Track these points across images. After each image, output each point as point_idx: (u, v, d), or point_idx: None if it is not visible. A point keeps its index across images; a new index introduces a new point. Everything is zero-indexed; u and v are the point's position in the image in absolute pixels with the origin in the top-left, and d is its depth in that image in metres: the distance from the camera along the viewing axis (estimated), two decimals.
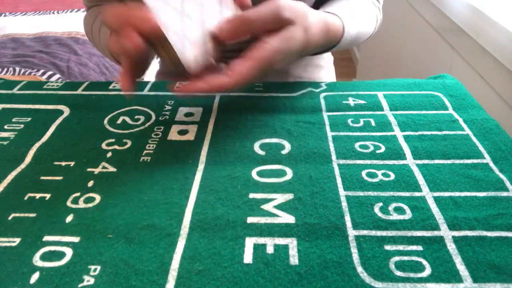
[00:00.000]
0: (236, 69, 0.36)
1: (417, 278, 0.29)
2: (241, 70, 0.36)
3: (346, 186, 0.37)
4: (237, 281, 0.29)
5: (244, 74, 0.36)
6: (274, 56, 0.38)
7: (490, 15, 0.72)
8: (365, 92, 0.52)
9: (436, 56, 1.05)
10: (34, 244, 0.32)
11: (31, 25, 1.53)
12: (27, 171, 0.39)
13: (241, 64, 0.37)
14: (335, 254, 0.30)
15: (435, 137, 0.43)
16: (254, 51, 0.37)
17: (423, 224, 0.33)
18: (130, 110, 0.49)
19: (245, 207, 0.35)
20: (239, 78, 0.36)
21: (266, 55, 0.37)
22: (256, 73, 0.37)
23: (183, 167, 0.40)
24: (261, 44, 0.37)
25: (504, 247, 0.31)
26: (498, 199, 0.35)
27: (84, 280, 0.29)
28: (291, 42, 0.39)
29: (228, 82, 0.36)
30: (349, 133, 0.44)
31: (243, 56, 0.37)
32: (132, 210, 0.35)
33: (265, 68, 0.38)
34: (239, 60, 0.37)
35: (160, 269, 0.30)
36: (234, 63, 0.37)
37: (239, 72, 0.36)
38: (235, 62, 0.37)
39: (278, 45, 0.38)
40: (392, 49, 1.45)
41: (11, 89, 0.54)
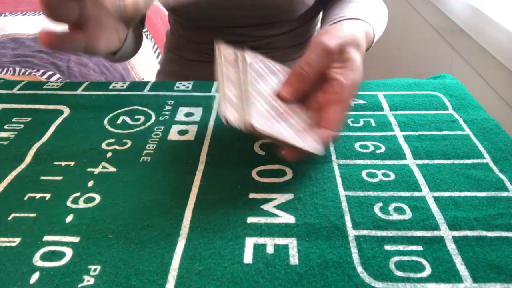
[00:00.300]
0: (332, 118, 0.37)
1: (417, 278, 0.29)
2: (336, 118, 0.37)
3: (346, 186, 0.37)
4: (237, 281, 0.29)
5: (340, 118, 0.38)
6: (353, 87, 0.38)
7: (490, 15, 0.72)
8: (365, 92, 0.52)
9: (436, 56, 1.05)
10: (34, 244, 0.32)
11: (31, 25, 1.53)
12: (27, 171, 0.39)
13: (330, 112, 0.37)
14: (335, 254, 0.30)
15: (435, 137, 0.43)
16: (334, 94, 0.38)
17: (423, 224, 0.33)
18: (130, 110, 0.49)
19: (245, 207, 0.35)
20: (338, 124, 0.37)
21: (346, 92, 0.38)
22: (347, 111, 0.38)
23: (183, 167, 0.39)
24: (336, 82, 0.38)
25: (504, 247, 0.31)
26: (498, 199, 0.35)
27: (84, 280, 0.29)
28: (355, 65, 0.39)
29: (333, 133, 0.37)
30: (349, 133, 0.44)
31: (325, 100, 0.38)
32: (132, 210, 0.35)
33: (351, 102, 0.39)
34: (326, 107, 0.37)
35: (160, 269, 0.30)
36: (324, 112, 0.37)
37: (335, 120, 0.37)
38: (324, 110, 0.37)
39: (350, 75, 0.38)
40: (392, 49, 1.45)
41: (11, 89, 0.54)
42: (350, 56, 0.39)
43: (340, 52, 0.39)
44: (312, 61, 0.38)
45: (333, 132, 0.37)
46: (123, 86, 0.54)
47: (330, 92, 0.38)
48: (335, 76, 0.38)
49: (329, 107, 0.37)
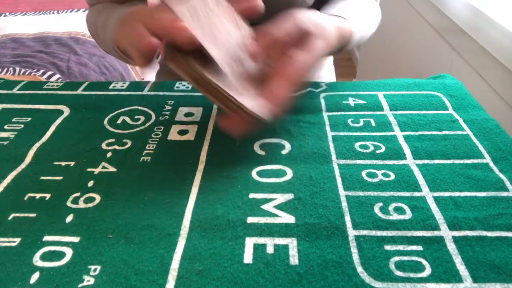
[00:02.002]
0: (275, 91, 0.37)
1: (417, 278, 0.29)
2: (280, 91, 0.37)
3: (346, 186, 0.37)
4: (237, 281, 0.29)
5: (283, 94, 0.37)
6: (304, 69, 0.38)
7: (490, 15, 0.72)
8: (365, 92, 0.52)
9: (436, 56, 1.05)
10: (34, 244, 0.32)
11: (31, 25, 1.53)
12: (27, 171, 0.39)
13: (277, 85, 0.37)
14: (335, 254, 0.30)
15: (435, 137, 0.43)
16: (286, 69, 0.38)
17: (423, 224, 0.33)
18: (130, 110, 0.49)
19: (245, 207, 0.35)
20: (280, 99, 0.37)
21: (298, 71, 0.38)
22: (292, 89, 0.38)
23: (183, 167, 0.39)
24: (289, 60, 0.38)
25: (504, 247, 0.31)
26: (498, 199, 0.35)
27: (84, 280, 0.29)
28: (316, 53, 0.40)
29: (273, 106, 0.37)
30: (349, 133, 0.44)
31: (274, 74, 0.38)
32: (132, 210, 0.35)
33: (298, 82, 0.39)
34: (274, 81, 0.38)
35: (160, 269, 0.30)
36: (271, 86, 0.37)
37: (278, 94, 0.37)
38: (271, 82, 0.37)
39: (306, 58, 0.38)
40: (392, 49, 1.45)
41: (11, 89, 0.54)
42: (312, 42, 0.39)
43: (307, 35, 0.40)
44: (291, 33, 0.39)
45: (273, 105, 0.37)
46: (123, 86, 0.54)
47: (281, 67, 0.38)
48: (290, 53, 0.38)
49: (275, 80, 0.38)
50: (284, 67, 0.38)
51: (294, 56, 0.38)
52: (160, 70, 0.79)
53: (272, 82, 0.38)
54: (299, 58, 0.38)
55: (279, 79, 0.38)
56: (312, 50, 0.39)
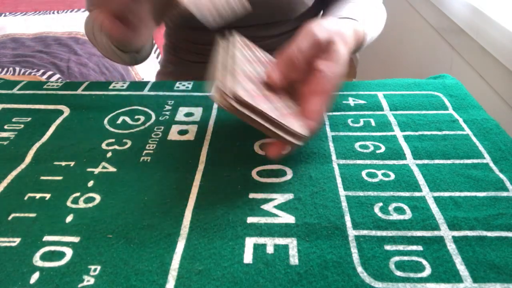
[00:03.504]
0: (313, 108, 0.37)
1: (417, 278, 0.29)
2: (317, 109, 0.37)
3: (346, 186, 0.37)
4: (237, 281, 0.29)
5: (321, 110, 0.37)
6: (335, 80, 0.38)
7: (490, 15, 0.72)
8: (365, 92, 0.52)
9: (436, 56, 1.05)
10: (34, 244, 0.32)
11: (31, 25, 1.53)
12: (27, 171, 0.39)
13: (314, 103, 0.37)
14: (335, 254, 0.30)
15: (435, 137, 0.43)
16: (317, 85, 0.38)
17: (423, 224, 0.33)
18: (130, 110, 0.49)
19: (245, 207, 0.35)
20: (319, 116, 0.37)
21: (330, 84, 0.38)
22: (327, 103, 0.38)
23: (183, 167, 0.39)
24: (319, 74, 0.38)
25: (504, 247, 0.31)
26: (498, 199, 0.35)
27: (84, 280, 0.29)
28: (341, 59, 0.39)
29: (314, 124, 0.37)
30: (349, 133, 0.44)
31: (308, 91, 0.38)
32: (132, 210, 0.35)
33: (333, 94, 0.39)
34: (309, 98, 0.37)
35: (160, 269, 0.30)
36: (307, 103, 0.37)
37: (316, 111, 0.37)
38: (307, 101, 0.37)
39: (335, 68, 0.38)
40: (392, 49, 1.45)
41: (11, 89, 0.54)
42: (336, 49, 0.39)
43: (327, 44, 0.39)
44: (303, 48, 0.38)
45: (314, 123, 0.37)
46: (123, 86, 0.54)
47: (313, 83, 0.38)
48: (320, 67, 0.38)
49: (311, 98, 0.37)
50: (316, 82, 0.38)
51: (323, 69, 0.38)
52: (160, 70, 0.79)
53: (308, 100, 0.37)
54: (329, 70, 0.38)
55: (315, 95, 0.37)
56: (338, 58, 0.39)
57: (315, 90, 0.38)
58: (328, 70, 0.38)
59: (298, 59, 0.38)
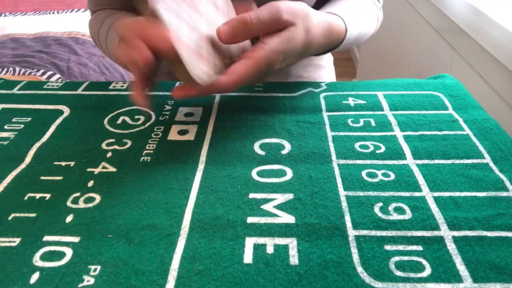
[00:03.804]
0: (234, 69, 0.37)
1: (417, 278, 0.29)
2: (239, 70, 0.37)
3: (346, 186, 0.37)
4: (237, 281, 0.29)
5: (243, 74, 0.37)
6: (273, 56, 0.38)
7: (490, 15, 0.72)
8: (365, 92, 0.52)
9: (436, 56, 1.05)
10: (34, 244, 0.32)
11: (31, 25, 1.53)
12: (27, 171, 0.39)
13: (239, 64, 0.37)
14: (335, 254, 0.30)
15: (435, 137, 0.43)
16: (253, 52, 0.38)
17: (423, 224, 0.33)
18: (130, 110, 0.49)
19: (245, 207, 0.35)
20: (237, 78, 0.37)
21: (265, 55, 0.37)
22: (254, 73, 0.37)
23: (183, 167, 0.40)
24: (259, 44, 0.38)
25: (504, 247, 0.31)
26: (498, 199, 0.35)
27: (84, 280, 0.29)
28: (291, 43, 0.39)
29: (227, 82, 0.37)
30: (349, 133, 0.44)
31: (243, 56, 0.38)
32: (132, 210, 0.35)
33: (264, 68, 0.38)
34: (239, 61, 0.37)
35: (160, 269, 0.30)
36: (236, 64, 0.37)
37: (237, 72, 0.37)
38: (237, 62, 0.37)
39: (277, 45, 0.38)
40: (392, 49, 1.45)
41: (11, 89, 0.54)
42: (291, 33, 0.39)
43: (287, 25, 0.39)
44: (263, 19, 0.38)
45: (230, 84, 0.36)
46: (123, 86, 0.54)
47: (251, 50, 0.38)
48: (265, 40, 0.38)
49: (241, 61, 0.37)
50: (253, 50, 0.38)
51: (269, 42, 0.38)
52: (160, 70, 0.79)
53: (238, 62, 0.37)
54: (271, 44, 0.38)
55: (244, 60, 0.37)
56: (287, 39, 0.39)
57: (247, 55, 0.37)
58: (270, 44, 0.38)
59: (254, 27, 0.37)
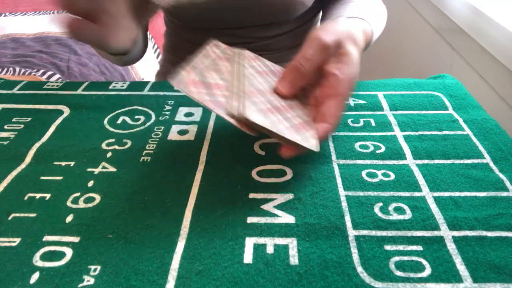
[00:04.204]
0: (329, 112, 0.37)
1: (417, 278, 0.29)
2: (333, 112, 0.37)
3: (346, 186, 0.37)
4: (237, 281, 0.29)
5: (337, 113, 0.37)
6: (350, 82, 0.38)
7: (490, 15, 0.72)
8: (365, 92, 0.52)
9: (436, 56, 1.05)
10: (34, 244, 0.32)
11: (31, 25, 1.52)
12: (27, 171, 0.39)
13: (330, 106, 0.37)
14: (335, 254, 0.30)
15: (435, 137, 0.43)
16: (332, 88, 0.38)
17: (423, 224, 0.33)
18: (130, 110, 0.49)
19: (245, 207, 0.35)
20: (335, 119, 0.37)
21: (344, 86, 0.38)
22: (344, 106, 0.38)
23: (183, 167, 0.39)
24: (332, 77, 0.38)
25: (504, 247, 0.31)
26: (498, 199, 0.35)
27: (84, 280, 0.29)
28: (352, 60, 0.39)
29: (330, 127, 0.37)
30: (349, 133, 0.44)
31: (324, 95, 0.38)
32: (132, 210, 0.35)
33: (349, 95, 0.39)
34: (325, 101, 0.37)
35: (160, 269, 0.30)
36: (323, 106, 0.37)
37: (333, 114, 0.37)
38: (323, 104, 0.37)
39: (347, 70, 0.38)
40: (392, 49, 1.45)
41: (11, 89, 0.54)
42: (346, 51, 0.39)
43: (336, 47, 0.39)
44: (309, 55, 0.38)
45: (331, 126, 0.37)
46: (123, 86, 0.54)
47: (327, 87, 0.38)
48: (332, 71, 0.38)
49: (326, 102, 0.38)
50: (331, 85, 0.38)
51: (336, 72, 0.38)
52: (160, 70, 0.79)
53: (324, 103, 0.37)
54: (342, 72, 0.38)
55: (330, 99, 0.37)
56: (349, 59, 0.39)
57: (330, 93, 0.38)
58: (341, 72, 0.38)
59: (304, 67, 0.38)
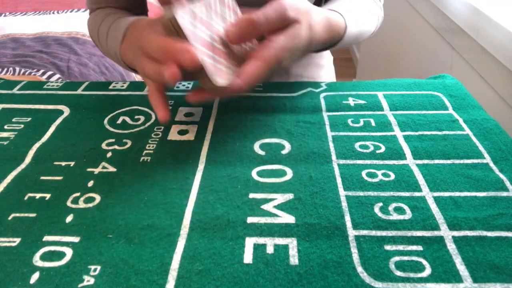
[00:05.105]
0: (246, 70, 0.37)
1: (417, 278, 0.29)
2: (251, 71, 0.37)
3: (346, 186, 0.37)
4: (237, 281, 0.29)
5: (254, 74, 0.37)
6: (281, 53, 0.39)
7: (490, 15, 0.72)
8: (365, 92, 0.52)
9: (436, 56, 1.05)
10: (34, 244, 0.32)
11: (31, 25, 1.53)
12: (27, 171, 0.39)
13: (250, 65, 0.37)
14: (335, 254, 0.30)
15: (435, 137, 0.43)
16: (262, 51, 0.38)
17: (423, 224, 0.33)
18: (130, 110, 0.49)
19: (245, 207, 0.35)
20: (250, 79, 0.37)
21: (274, 53, 0.38)
22: (265, 72, 0.38)
23: (183, 167, 0.40)
24: (268, 43, 0.38)
25: (504, 247, 0.31)
26: (498, 199, 0.35)
27: (84, 280, 0.29)
28: (297, 39, 0.40)
29: (240, 83, 0.37)
30: (349, 133, 0.44)
31: (252, 55, 0.38)
32: (132, 210, 0.35)
33: (273, 67, 0.39)
34: (249, 61, 0.38)
35: (160, 269, 0.30)
36: (245, 65, 0.38)
37: (249, 73, 0.37)
38: (246, 64, 0.38)
39: (285, 43, 0.39)
40: (392, 49, 1.45)
41: (11, 89, 0.54)
42: (296, 30, 0.39)
43: (291, 22, 0.39)
44: (269, 17, 0.38)
45: (242, 85, 0.37)
46: (123, 86, 0.54)
47: (259, 49, 0.38)
48: (272, 38, 0.39)
49: (251, 61, 0.38)
50: (262, 49, 0.38)
51: (276, 39, 0.38)
52: None
53: (247, 62, 0.38)
54: (279, 42, 0.38)
55: (254, 60, 0.38)
56: (293, 36, 0.39)
57: (257, 55, 0.38)
58: (277, 42, 0.38)
59: (261, 26, 0.38)
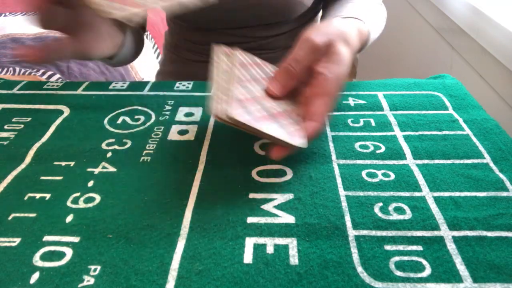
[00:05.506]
0: (316, 111, 0.37)
1: (417, 278, 0.29)
2: (320, 110, 0.37)
3: (346, 186, 0.37)
4: (237, 281, 0.29)
5: (324, 111, 0.38)
6: (336, 80, 0.38)
7: (490, 15, 0.72)
8: (365, 92, 0.52)
9: (436, 56, 1.05)
10: (34, 244, 0.32)
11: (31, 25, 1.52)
12: (27, 171, 0.39)
13: (317, 104, 0.37)
14: (335, 254, 0.30)
15: (435, 137, 0.43)
16: (319, 87, 0.38)
17: (423, 224, 0.33)
18: (130, 110, 0.49)
19: (245, 207, 0.35)
20: (322, 117, 0.37)
21: (331, 84, 0.38)
22: (332, 103, 0.38)
23: (183, 167, 0.39)
24: (320, 76, 0.38)
25: (504, 247, 0.31)
26: (498, 199, 0.35)
27: (84, 280, 0.29)
28: (342, 60, 0.39)
29: (317, 125, 0.37)
30: (349, 133, 0.44)
31: (311, 93, 0.38)
32: (132, 210, 0.35)
33: (336, 94, 0.39)
34: (311, 100, 0.38)
35: (160, 269, 0.30)
36: (309, 105, 0.38)
37: (320, 113, 0.37)
38: (310, 103, 0.38)
39: (335, 69, 0.38)
40: (392, 49, 1.45)
41: (11, 89, 0.54)
42: (335, 50, 0.39)
43: (327, 47, 0.39)
44: (299, 57, 0.39)
45: (318, 124, 0.37)
46: (123, 86, 0.54)
47: (315, 86, 0.38)
48: (320, 70, 0.38)
49: (314, 100, 0.38)
50: (318, 84, 0.38)
51: (323, 71, 0.38)
52: (160, 69, 0.79)
53: (310, 102, 0.38)
54: (329, 71, 0.38)
55: (317, 97, 0.38)
56: (339, 59, 0.39)
57: (317, 92, 0.38)
58: (328, 71, 0.38)
59: (294, 69, 0.38)
